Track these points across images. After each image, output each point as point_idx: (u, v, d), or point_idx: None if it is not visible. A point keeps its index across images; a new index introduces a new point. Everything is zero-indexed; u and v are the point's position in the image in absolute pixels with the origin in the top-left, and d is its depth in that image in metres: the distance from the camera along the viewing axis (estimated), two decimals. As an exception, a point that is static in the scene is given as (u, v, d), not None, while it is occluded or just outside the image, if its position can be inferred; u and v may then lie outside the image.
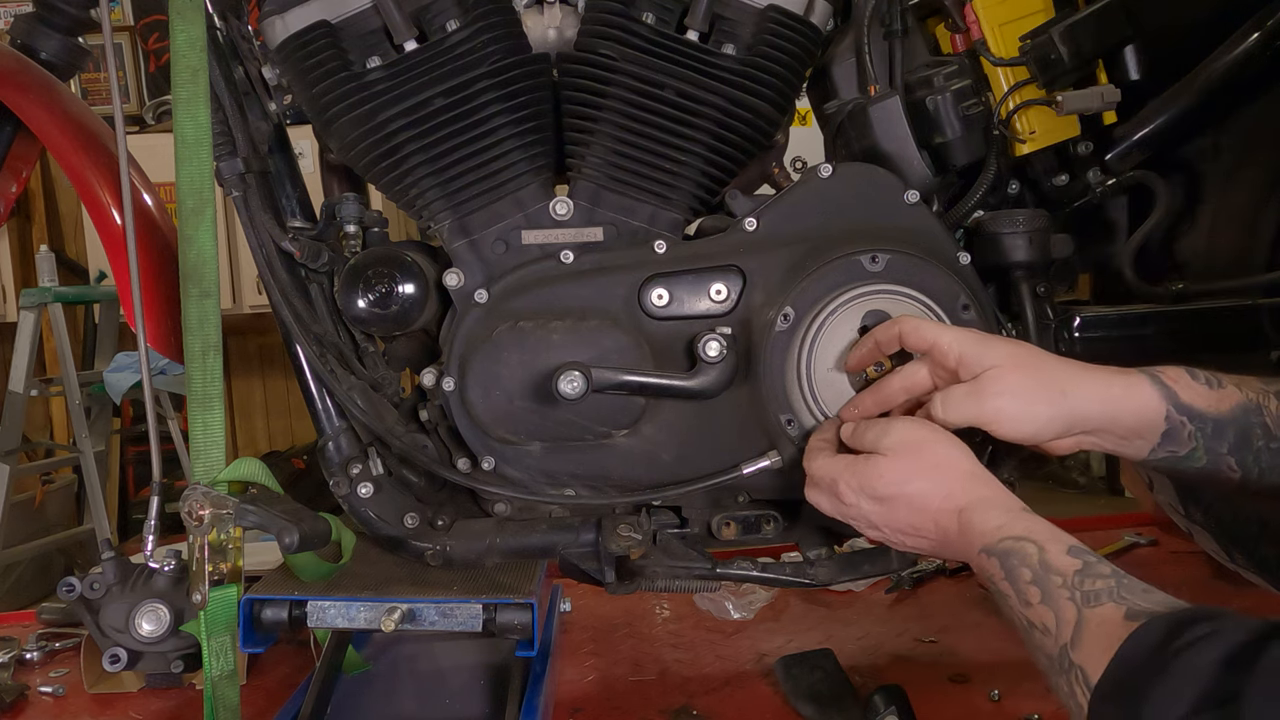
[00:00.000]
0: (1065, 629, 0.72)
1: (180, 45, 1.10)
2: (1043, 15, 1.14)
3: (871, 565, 1.18)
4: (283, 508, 1.07)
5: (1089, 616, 0.71)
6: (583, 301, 1.11)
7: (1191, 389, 0.90)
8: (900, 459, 0.90)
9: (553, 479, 1.15)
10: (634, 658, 1.46)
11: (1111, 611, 0.70)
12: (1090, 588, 0.73)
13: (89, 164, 1.21)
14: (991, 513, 0.84)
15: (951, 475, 0.89)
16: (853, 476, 0.93)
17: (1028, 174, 1.20)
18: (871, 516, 0.92)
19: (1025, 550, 0.78)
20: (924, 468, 0.89)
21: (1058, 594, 0.74)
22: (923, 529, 0.89)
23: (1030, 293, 1.13)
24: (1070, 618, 0.72)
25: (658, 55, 1.09)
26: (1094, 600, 0.72)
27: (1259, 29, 1.19)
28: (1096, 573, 0.74)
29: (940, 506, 0.87)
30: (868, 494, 0.91)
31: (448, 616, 1.08)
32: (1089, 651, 0.69)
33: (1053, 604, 0.74)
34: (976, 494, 0.87)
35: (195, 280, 1.10)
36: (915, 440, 0.91)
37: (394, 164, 1.11)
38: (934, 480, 0.89)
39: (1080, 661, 0.69)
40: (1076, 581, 0.74)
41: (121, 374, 3.37)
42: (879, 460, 0.91)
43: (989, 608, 1.58)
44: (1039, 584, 0.76)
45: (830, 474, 0.95)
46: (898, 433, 0.92)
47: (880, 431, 0.93)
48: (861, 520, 0.94)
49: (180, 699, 1.40)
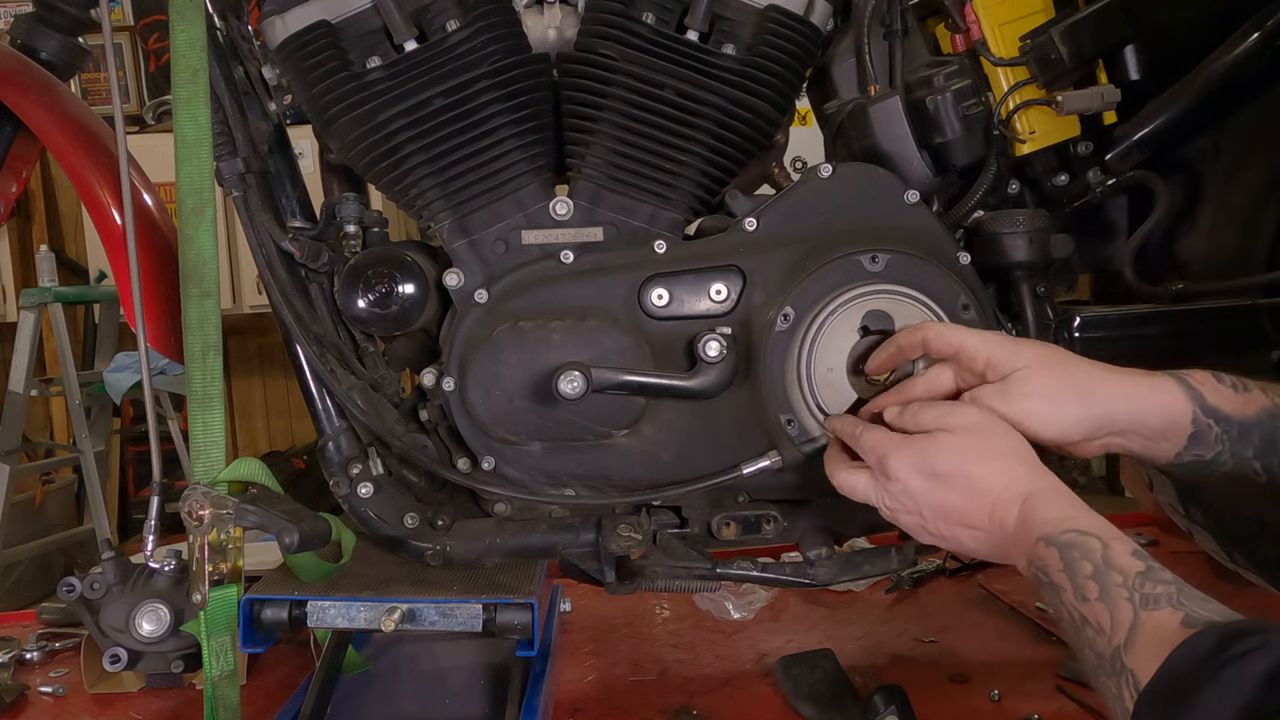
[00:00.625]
0: (1120, 630, 0.71)
1: (180, 45, 1.10)
2: (1043, 15, 1.14)
3: (871, 565, 1.18)
4: (283, 508, 1.07)
5: (1145, 620, 0.70)
6: (583, 301, 1.11)
7: (1218, 392, 0.90)
8: (967, 438, 0.88)
9: (553, 479, 1.15)
10: (634, 658, 1.46)
11: (1168, 617, 0.69)
12: (1151, 591, 0.71)
13: (89, 164, 1.21)
14: (1056, 503, 0.83)
15: (1016, 463, 0.87)
16: (909, 451, 0.90)
17: (1028, 174, 1.20)
18: (919, 496, 0.89)
19: (1089, 544, 0.77)
20: (991, 451, 0.87)
21: (1116, 593, 0.73)
22: (972, 517, 0.87)
23: (1030, 293, 1.13)
24: (1126, 619, 0.71)
25: (658, 55, 1.09)
26: (1152, 604, 0.71)
27: (1259, 29, 1.19)
28: (1159, 578, 0.73)
29: (1002, 494, 0.85)
30: (923, 470, 0.88)
31: (448, 616, 1.08)
32: (1142, 655, 0.68)
33: (1110, 602, 0.73)
34: (1041, 484, 0.85)
35: (195, 280, 1.10)
36: (984, 424, 0.89)
37: (394, 164, 1.11)
38: (1000, 465, 0.86)
39: (1132, 665, 0.68)
40: (1138, 583, 0.72)
41: (121, 374, 3.37)
42: (943, 436, 0.89)
43: (989, 608, 1.58)
44: (1099, 580, 0.74)
45: (882, 447, 0.92)
46: (965, 414, 0.90)
47: (945, 411, 0.91)
48: (903, 502, 0.90)
49: (180, 699, 1.40)
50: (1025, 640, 1.45)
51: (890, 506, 0.93)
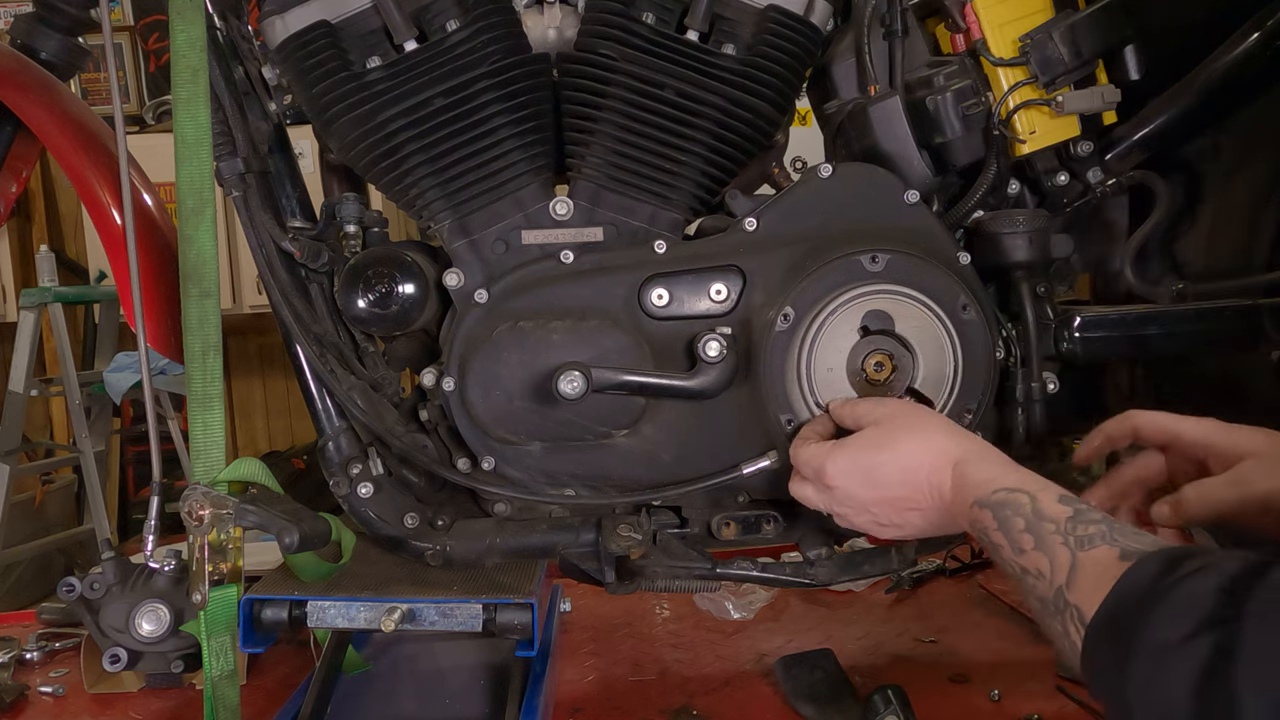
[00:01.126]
0: (1060, 572, 0.73)
1: (180, 45, 1.10)
2: (1043, 15, 1.14)
3: (871, 565, 1.18)
4: (283, 508, 1.07)
5: (1083, 559, 0.72)
6: (583, 301, 1.11)
7: None
8: (887, 425, 0.93)
9: (553, 479, 1.15)
10: (634, 658, 1.46)
11: (1105, 553, 0.72)
12: (1083, 532, 0.74)
13: (89, 164, 1.21)
14: (983, 465, 0.86)
15: (938, 434, 0.91)
16: (839, 455, 0.94)
17: (1028, 174, 1.20)
18: (861, 495, 0.93)
19: (1018, 500, 0.80)
20: (911, 429, 0.92)
21: (1051, 540, 0.75)
22: (916, 497, 0.90)
23: (1030, 293, 1.13)
24: (1065, 561, 0.73)
25: (658, 55, 1.09)
26: (1088, 544, 0.73)
27: (1259, 29, 1.19)
28: (1088, 519, 0.75)
29: (933, 462, 0.88)
30: (857, 468, 0.92)
31: (448, 616, 1.08)
32: (1084, 591, 0.70)
33: (1047, 549, 0.75)
34: (966, 448, 0.89)
35: (195, 280, 1.10)
36: (903, 407, 0.95)
37: (394, 164, 1.11)
38: (922, 440, 0.90)
39: (1075, 601, 0.71)
40: (1069, 527, 0.75)
41: (121, 374, 3.37)
42: (866, 432, 0.94)
43: (989, 608, 1.58)
44: (1032, 531, 0.77)
45: (816, 459, 0.96)
46: (888, 404, 0.96)
47: (872, 404, 0.97)
48: (850, 505, 0.94)
49: (180, 699, 1.40)
50: (1025, 640, 1.45)
51: (840, 512, 0.96)
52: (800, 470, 0.99)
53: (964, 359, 1.06)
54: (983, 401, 1.08)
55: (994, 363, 1.09)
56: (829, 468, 0.94)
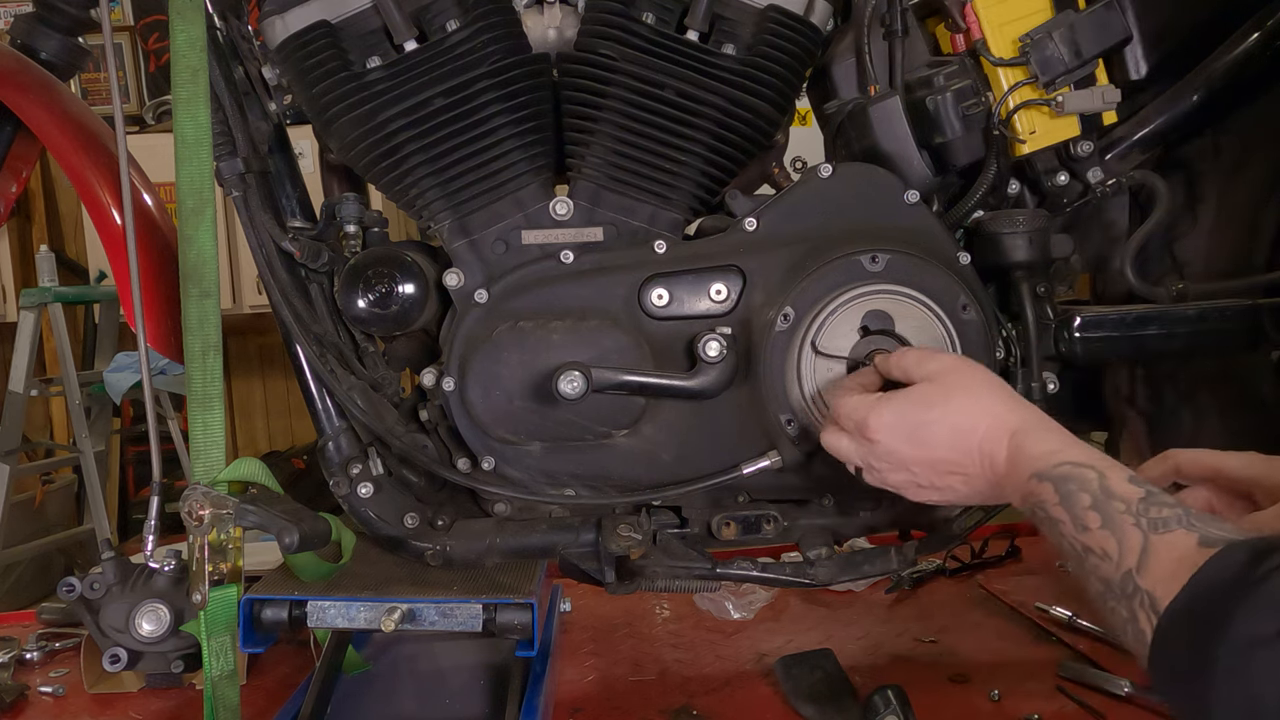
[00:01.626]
0: (1129, 555, 0.70)
1: (180, 45, 1.10)
2: (1043, 15, 1.14)
3: (871, 565, 1.18)
4: (283, 508, 1.07)
5: (1156, 543, 0.69)
6: (583, 301, 1.11)
7: None
8: (943, 382, 0.88)
9: (553, 479, 1.15)
10: (634, 658, 1.46)
11: (1183, 538, 0.68)
12: (1157, 515, 0.70)
13: (89, 164, 1.21)
14: (1046, 437, 0.82)
15: (997, 399, 0.86)
16: (886, 408, 0.89)
17: (1028, 174, 1.20)
18: (904, 452, 0.89)
19: (1085, 475, 0.76)
20: (969, 390, 0.87)
21: (1121, 520, 0.72)
22: (963, 462, 0.86)
23: (1030, 293, 1.13)
24: (1135, 544, 0.70)
25: (658, 55, 1.09)
26: (1161, 527, 0.69)
27: (1259, 29, 1.19)
28: (1162, 501, 0.72)
29: (989, 428, 0.84)
30: (904, 424, 0.88)
31: (448, 616, 1.08)
32: (1157, 576, 0.67)
33: (1115, 529, 0.72)
34: (1026, 418, 0.84)
35: (195, 280, 1.10)
36: (957, 365, 0.90)
37: (394, 164, 1.11)
38: (980, 403, 0.86)
39: (1148, 586, 0.67)
40: (1141, 508, 0.71)
41: (121, 374, 3.37)
42: (920, 386, 0.89)
43: (989, 608, 1.58)
44: (1099, 509, 0.74)
45: (860, 410, 0.91)
46: (942, 359, 0.90)
47: (923, 356, 0.91)
48: (889, 461, 0.90)
49: (180, 699, 1.40)
50: (1025, 640, 1.45)
51: (877, 468, 0.93)
52: (840, 421, 0.95)
53: (964, 359, 1.06)
54: (983, 401, 1.08)
55: (994, 363, 1.09)
56: (873, 420, 0.90)
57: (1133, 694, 1.22)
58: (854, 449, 0.94)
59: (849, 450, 0.94)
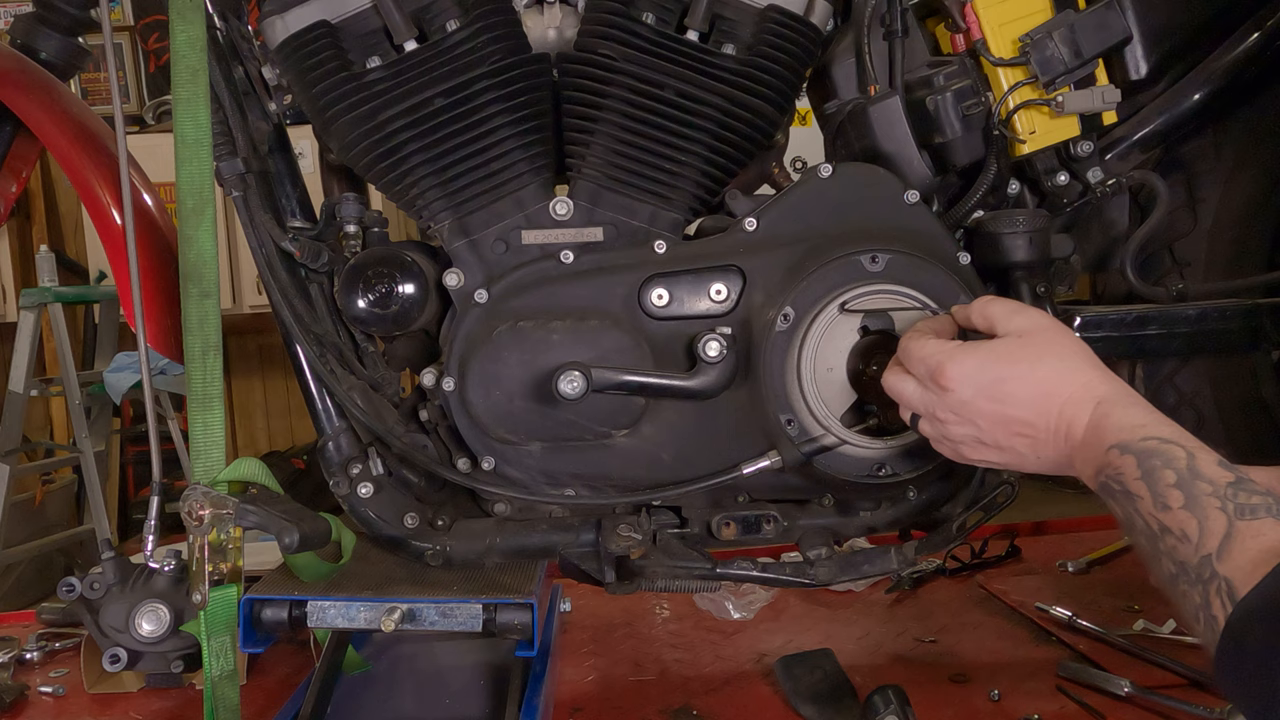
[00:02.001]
0: (1210, 539, 0.67)
1: (180, 45, 1.10)
2: (1043, 15, 1.14)
3: (871, 565, 1.18)
4: (283, 508, 1.07)
5: (1242, 529, 0.67)
6: (583, 301, 1.11)
7: None
8: (1034, 339, 0.85)
9: (553, 479, 1.15)
10: (634, 658, 1.46)
11: (1271, 527, 0.66)
12: (1245, 501, 0.68)
13: (89, 164, 1.21)
14: (1134, 410, 0.79)
15: (1088, 365, 0.84)
16: (969, 356, 0.86)
17: (1028, 174, 1.20)
18: (976, 405, 0.85)
19: (1172, 452, 0.74)
20: (1060, 352, 0.84)
21: (1206, 502, 0.69)
22: (1038, 425, 0.83)
23: (1030, 293, 1.13)
24: (1218, 528, 0.67)
25: (658, 55, 1.09)
26: (1249, 514, 0.67)
27: (1259, 29, 1.19)
28: (1251, 489, 0.69)
29: (1074, 394, 0.82)
30: (984, 375, 0.85)
31: (448, 616, 1.08)
32: (1238, 563, 0.65)
33: (1197, 511, 0.69)
34: (1114, 388, 0.82)
35: (195, 280, 1.10)
36: (1049, 324, 0.86)
37: (394, 164, 1.11)
38: (1070, 365, 0.83)
39: (1227, 573, 0.65)
40: (1229, 493, 0.69)
41: (121, 374, 3.37)
42: (1007, 340, 0.86)
43: (989, 608, 1.58)
44: (1183, 489, 0.71)
45: (936, 356, 0.88)
46: (1030, 315, 0.87)
47: (1013, 309, 0.88)
48: (957, 412, 0.87)
49: (180, 699, 1.40)
50: (1025, 640, 1.45)
51: (941, 418, 0.89)
52: (910, 365, 0.91)
53: (964, 359, 1.06)
54: (983, 401, 1.08)
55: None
56: (951, 369, 0.86)
57: (1133, 694, 1.22)
58: (919, 395, 0.90)
59: (913, 396, 0.91)
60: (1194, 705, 1.18)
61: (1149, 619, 1.43)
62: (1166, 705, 1.20)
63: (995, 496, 1.12)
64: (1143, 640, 1.37)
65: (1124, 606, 1.51)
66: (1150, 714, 1.20)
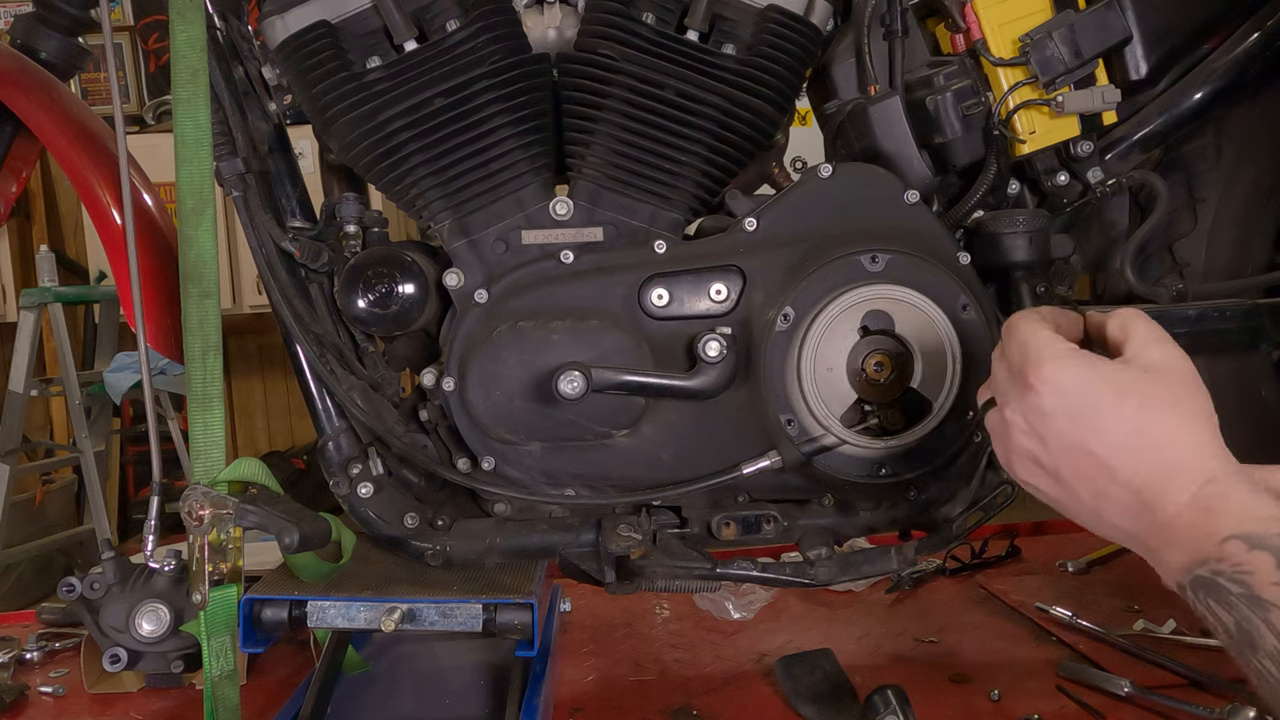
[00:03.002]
0: None
1: (180, 45, 1.10)
2: (1043, 15, 1.14)
3: (871, 565, 1.18)
4: (283, 508, 1.07)
5: None
6: (583, 301, 1.11)
7: None
8: (1159, 378, 0.71)
9: (553, 479, 1.15)
10: (634, 658, 1.46)
11: None
12: None
13: (89, 164, 1.21)
14: (1262, 497, 0.65)
15: (1210, 430, 0.69)
16: (1077, 364, 0.72)
17: (1028, 174, 1.20)
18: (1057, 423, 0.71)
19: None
20: (1185, 401, 0.70)
21: None
22: (1119, 476, 0.69)
23: (1030, 293, 1.13)
24: None
25: (658, 55, 1.09)
26: None
27: (1259, 29, 1.19)
28: None
29: (1180, 458, 0.67)
30: (1083, 393, 0.71)
31: (448, 616, 1.08)
32: None
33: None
34: (1232, 466, 0.67)
35: (195, 280, 1.10)
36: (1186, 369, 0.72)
37: (394, 164, 1.11)
38: (1191, 423, 0.69)
39: None
40: None
41: (121, 374, 3.37)
42: (1130, 366, 0.72)
43: (989, 608, 1.58)
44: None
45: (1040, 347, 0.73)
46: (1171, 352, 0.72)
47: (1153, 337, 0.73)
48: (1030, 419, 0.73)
49: (180, 699, 1.40)
50: (1025, 640, 1.45)
51: (1010, 418, 0.75)
52: (1010, 346, 0.77)
53: (964, 359, 1.06)
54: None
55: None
56: (1050, 369, 0.72)
57: (1133, 694, 1.22)
58: (1003, 380, 0.77)
59: (997, 377, 0.78)
60: (1194, 705, 1.17)
61: (1149, 619, 1.43)
62: (1166, 705, 1.19)
63: (995, 496, 1.12)
64: (1143, 640, 1.37)
65: (1124, 606, 1.51)
66: (1150, 714, 1.20)
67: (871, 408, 1.08)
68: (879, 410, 1.07)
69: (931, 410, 1.06)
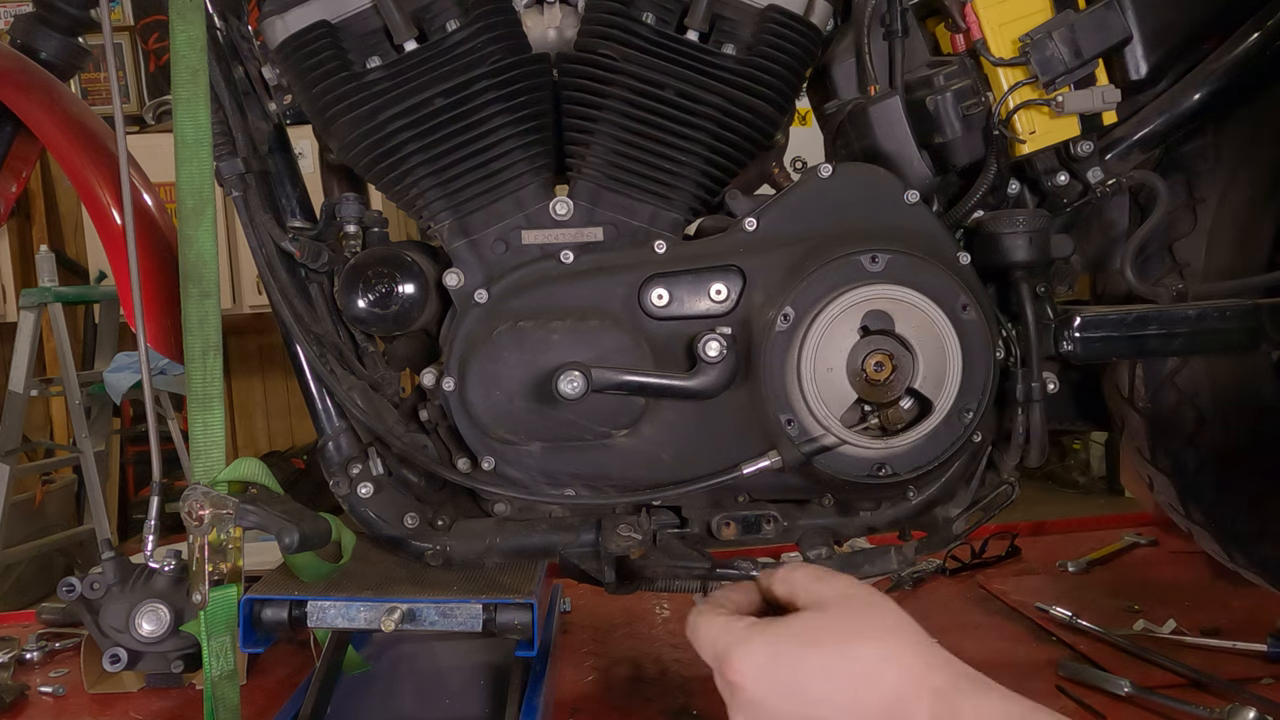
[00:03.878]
0: None
1: (180, 45, 1.10)
2: (1043, 15, 1.14)
3: (871, 565, 1.18)
4: (283, 508, 1.07)
5: None
6: (583, 301, 1.11)
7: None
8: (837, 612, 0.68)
9: (553, 479, 1.15)
10: (634, 658, 1.46)
11: None
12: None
13: (89, 164, 1.21)
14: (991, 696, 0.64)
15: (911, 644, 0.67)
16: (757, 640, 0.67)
17: (1028, 174, 1.20)
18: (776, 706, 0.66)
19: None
20: (869, 628, 0.67)
21: None
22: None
23: (1030, 293, 1.13)
24: None
25: (658, 55, 1.09)
26: None
27: (1259, 29, 1.19)
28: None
29: (896, 685, 0.64)
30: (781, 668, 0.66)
31: (448, 616, 1.08)
32: None
33: None
34: (952, 671, 0.66)
35: (195, 280, 1.10)
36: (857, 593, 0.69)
37: (394, 164, 1.11)
38: (888, 645, 0.66)
39: None
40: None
41: (121, 374, 3.37)
42: (806, 614, 0.68)
43: (989, 608, 1.58)
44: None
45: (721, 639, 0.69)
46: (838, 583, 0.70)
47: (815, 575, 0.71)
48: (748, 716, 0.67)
49: (180, 699, 1.40)
50: (1025, 640, 1.45)
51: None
52: (699, 650, 0.72)
53: (964, 359, 1.06)
54: (982, 401, 1.08)
55: (994, 363, 1.09)
56: (738, 658, 0.67)
57: (1133, 694, 1.22)
58: (719, 685, 0.70)
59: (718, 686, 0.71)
60: (1194, 705, 1.18)
61: (1149, 619, 1.43)
62: (1166, 705, 1.20)
63: (995, 497, 1.12)
64: (1143, 640, 1.37)
65: (1124, 606, 1.51)
66: (1150, 714, 1.20)
67: (871, 408, 1.08)
68: (879, 410, 1.07)
69: (932, 410, 1.06)
